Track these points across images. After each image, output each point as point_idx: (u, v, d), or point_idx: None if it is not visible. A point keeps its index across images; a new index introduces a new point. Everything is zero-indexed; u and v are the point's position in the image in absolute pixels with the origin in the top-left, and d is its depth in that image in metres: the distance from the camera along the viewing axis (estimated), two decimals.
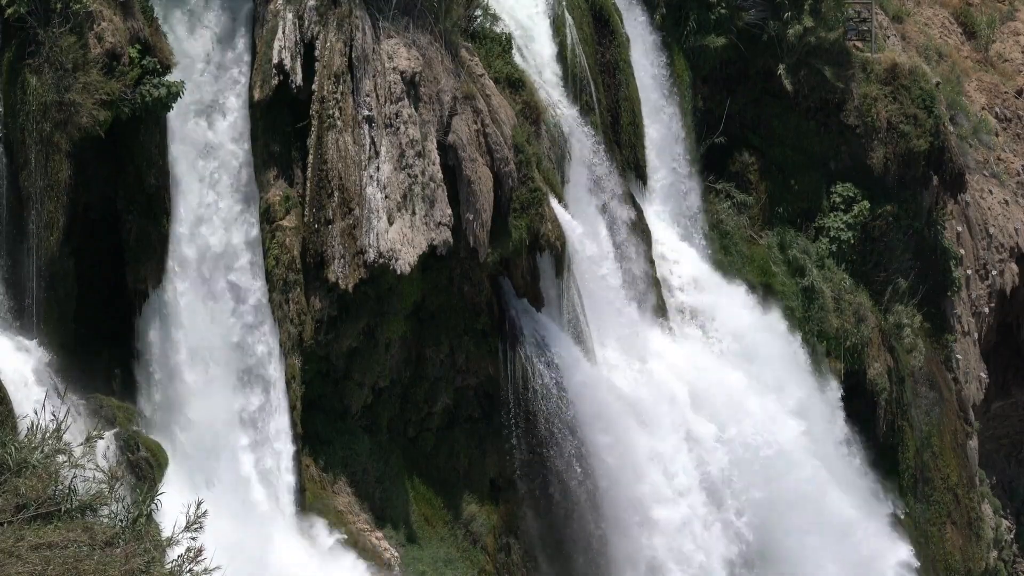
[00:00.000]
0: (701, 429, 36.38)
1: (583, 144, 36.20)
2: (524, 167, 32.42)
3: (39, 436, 13.06)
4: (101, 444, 23.29)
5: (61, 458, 13.29)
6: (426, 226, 30.36)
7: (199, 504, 12.51)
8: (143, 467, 25.34)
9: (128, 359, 27.62)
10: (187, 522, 12.33)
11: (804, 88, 43.79)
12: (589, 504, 33.73)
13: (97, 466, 13.93)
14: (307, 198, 29.74)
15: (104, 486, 13.54)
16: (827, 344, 42.23)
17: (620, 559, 34.19)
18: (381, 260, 29.68)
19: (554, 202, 33.68)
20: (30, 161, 25.66)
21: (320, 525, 29.65)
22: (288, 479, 29.32)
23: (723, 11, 41.34)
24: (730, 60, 42.74)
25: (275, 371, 29.42)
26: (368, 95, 30.14)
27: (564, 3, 36.99)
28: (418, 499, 32.09)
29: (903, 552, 40.79)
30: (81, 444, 13.76)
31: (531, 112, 34.31)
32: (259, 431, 29.17)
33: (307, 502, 29.58)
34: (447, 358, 32.84)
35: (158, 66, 26.67)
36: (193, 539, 12.63)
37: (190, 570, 12.21)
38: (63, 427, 13.56)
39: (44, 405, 16.03)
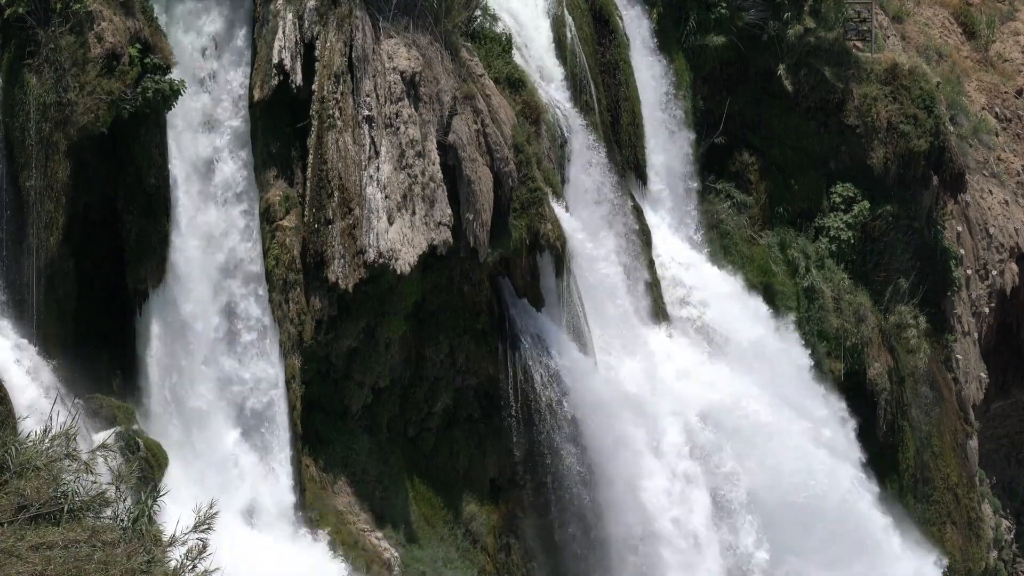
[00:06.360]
0: (701, 428, 36.36)
1: (583, 144, 36.19)
2: (524, 167, 32.42)
3: (47, 440, 13.05)
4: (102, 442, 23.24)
5: (69, 463, 13.28)
6: (426, 226, 30.37)
7: (211, 504, 12.50)
8: (143, 467, 25.33)
9: (128, 359, 27.61)
10: (196, 522, 12.32)
11: (804, 88, 43.79)
12: (589, 504, 33.72)
13: (108, 465, 13.91)
14: (307, 198, 29.73)
15: (108, 486, 13.52)
16: (827, 344, 42.22)
17: (620, 559, 34.17)
18: (381, 260, 29.68)
19: (554, 202, 33.68)
20: (30, 161, 25.66)
21: (320, 525, 29.65)
22: (288, 479, 29.30)
23: (723, 11, 41.32)
24: (730, 60, 42.74)
25: (275, 371, 29.40)
26: (368, 95, 30.14)
27: (564, 3, 36.99)
28: (418, 499, 32.09)
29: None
30: (90, 452, 13.75)
31: (531, 112, 34.30)
32: (259, 431, 29.15)
33: (307, 502, 29.57)
34: (447, 358, 32.84)
35: (159, 64, 26.66)
36: (200, 539, 12.61)
37: (193, 568, 12.19)
38: (71, 431, 13.54)
39: (55, 409, 16.04)
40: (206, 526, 12.58)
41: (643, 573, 34.47)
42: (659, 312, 37.86)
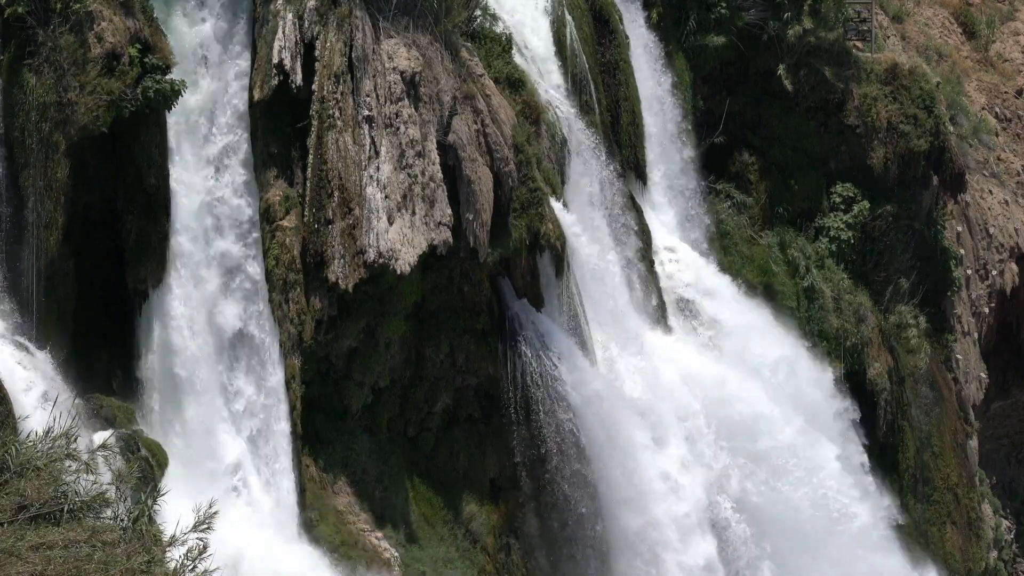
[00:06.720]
0: (701, 428, 36.35)
1: (583, 144, 36.20)
2: (524, 167, 32.42)
3: (47, 440, 13.06)
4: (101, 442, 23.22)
5: (69, 463, 13.29)
6: (426, 226, 30.36)
7: (211, 504, 12.51)
8: (144, 467, 25.31)
9: (128, 359, 27.60)
10: (196, 522, 12.33)
11: (804, 88, 43.82)
12: (589, 503, 33.71)
13: (108, 465, 13.92)
14: (307, 198, 29.73)
15: (108, 487, 13.52)
16: (827, 344, 42.23)
17: (621, 559, 34.16)
18: (381, 260, 29.68)
19: (554, 202, 33.68)
20: (30, 161, 25.65)
21: (320, 525, 29.64)
22: (288, 480, 29.29)
23: (723, 11, 41.36)
24: (730, 60, 42.77)
25: (275, 371, 29.39)
26: (368, 95, 30.13)
27: (564, 3, 37.00)
28: (418, 499, 32.08)
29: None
30: (90, 452, 13.76)
31: (531, 112, 34.31)
32: (258, 431, 29.14)
33: (307, 502, 29.57)
34: (447, 358, 32.84)
35: (159, 65, 26.65)
36: (200, 539, 12.62)
37: (193, 568, 12.20)
38: (72, 432, 13.55)
39: (55, 409, 16.04)
40: (206, 526, 12.59)
41: (644, 572, 34.45)
42: (659, 311, 37.88)
